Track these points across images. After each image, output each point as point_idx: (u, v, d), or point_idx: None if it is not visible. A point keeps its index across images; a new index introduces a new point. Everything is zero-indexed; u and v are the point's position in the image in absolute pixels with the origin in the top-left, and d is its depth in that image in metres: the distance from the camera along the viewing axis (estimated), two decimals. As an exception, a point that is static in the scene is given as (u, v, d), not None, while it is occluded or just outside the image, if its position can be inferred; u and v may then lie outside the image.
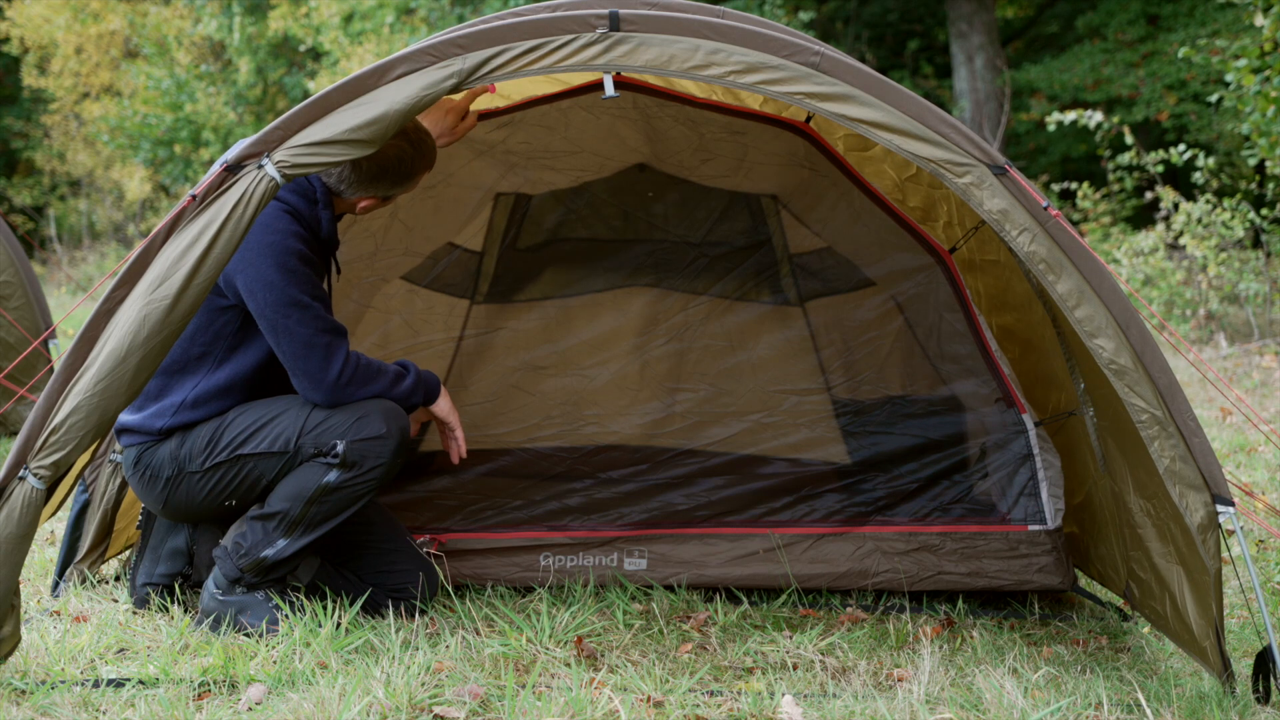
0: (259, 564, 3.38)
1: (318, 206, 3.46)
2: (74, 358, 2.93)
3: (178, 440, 3.44)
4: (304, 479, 3.37)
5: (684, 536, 3.80)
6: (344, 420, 3.37)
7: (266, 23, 16.26)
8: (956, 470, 3.78)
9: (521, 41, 3.05)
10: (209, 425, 3.44)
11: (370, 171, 3.43)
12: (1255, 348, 9.01)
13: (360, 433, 3.35)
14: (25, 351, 3.86)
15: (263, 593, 3.40)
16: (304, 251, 3.38)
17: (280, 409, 3.43)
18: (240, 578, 3.39)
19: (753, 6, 12.79)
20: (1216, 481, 2.85)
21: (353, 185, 3.46)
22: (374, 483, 3.39)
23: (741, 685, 3.00)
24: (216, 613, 3.40)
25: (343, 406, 3.39)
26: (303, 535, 3.39)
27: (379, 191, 3.49)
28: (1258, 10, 7.96)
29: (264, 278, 3.32)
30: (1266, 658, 2.85)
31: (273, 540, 3.38)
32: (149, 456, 3.45)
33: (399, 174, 3.46)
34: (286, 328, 3.33)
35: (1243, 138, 10.48)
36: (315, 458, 3.36)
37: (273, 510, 3.38)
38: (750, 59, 3.01)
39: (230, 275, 3.36)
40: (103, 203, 19.83)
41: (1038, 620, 3.64)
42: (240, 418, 3.43)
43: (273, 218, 3.37)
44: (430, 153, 3.50)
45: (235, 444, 3.40)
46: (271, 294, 3.32)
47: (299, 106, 3.05)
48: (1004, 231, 2.94)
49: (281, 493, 3.39)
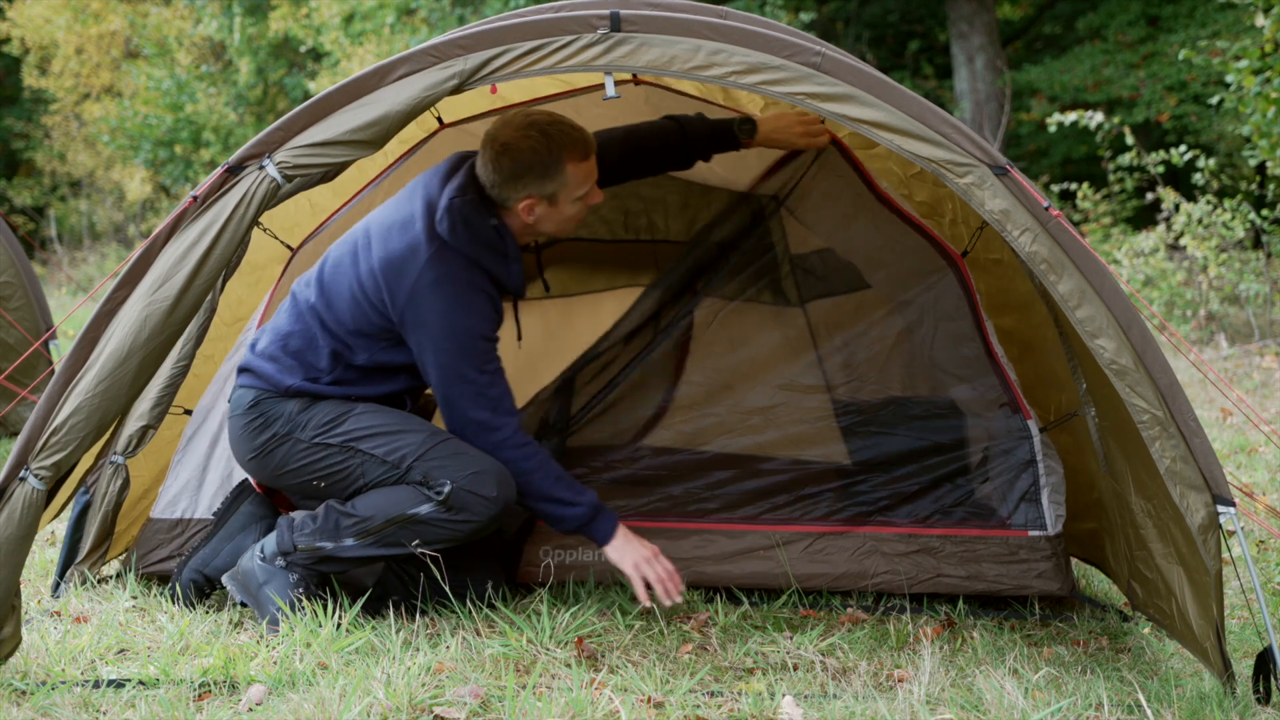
0: (314, 551, 3.38)
1: (507, 260, 3.44)
2: (75, 358, 2.93)
3: (302, 403, 3.43)
4: (398, 498, 3.37)
5: (683, 532, 3.79)
6: (463, 467, 3.36)
7: (267, 23, 16.25)
8: (958, 474, 3.78)
9: (523, 42, 3.05)
10: (337, 404, 3.44)
11: (509, 169, 3.38)
12: (1256, 348, 9.01)
13: (472, 485, 3.34)
14: (26, 353, 3.87)
15: (298, 577, 3.40)
16: (489, 334, 3.41)
17: (411, 426, 3.43)
18: (291, 553, 3.39)
19: (754, 7, 12.79)
20: (1217, 482, 2.85)
21: (500, 188, 3.40)
22: (460, 535, 3.38)
23: (742, 686, 3.00)
24: (245, 577, 3.41)
25: (470, 454, 3.38)
26: (369, 548, 3.38)
27: (530, 190, 3.40)
28: (1258, 11, 7.96)
29: (438, 345, 3.35)
30: (1267, 658, 2.86)
31: (341, 537, 3.38)
32: (269, 406, 3.45)
33: (541, 168, 3.38)
34: (448, 399, 3.39)
35: (1243, 139, 10.47)
36: (419, 485, 3.36)
37: (356, 510, 3.38)
38: (751, 59, 3.01)
39: (402, 325, 3.38)
40: (103, 203, 19.83)
41: (1038, 621, 3.64)
42: (369, 414, 3.43)
43: (465, 290, 3.36)
44: (572, 141, 3.40)
45: (354, 436, 3.40)
46: (443, 371, 3.37)
47: (300, 107, 3.05)
48: (1005, 232, 2.94)
49: (373, 500, 3.39)
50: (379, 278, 3.39)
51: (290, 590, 3.38)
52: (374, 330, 3.44)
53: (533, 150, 3.37)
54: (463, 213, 3.38)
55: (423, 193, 3.46)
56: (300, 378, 3.46)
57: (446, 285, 3.34)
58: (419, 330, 3.37)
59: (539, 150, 3.37)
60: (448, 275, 3.35)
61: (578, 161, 3.41)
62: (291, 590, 3.38)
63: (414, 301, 3.35)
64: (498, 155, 3.39)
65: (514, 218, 3.46)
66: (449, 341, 3.35)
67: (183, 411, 3.90)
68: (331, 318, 3.46)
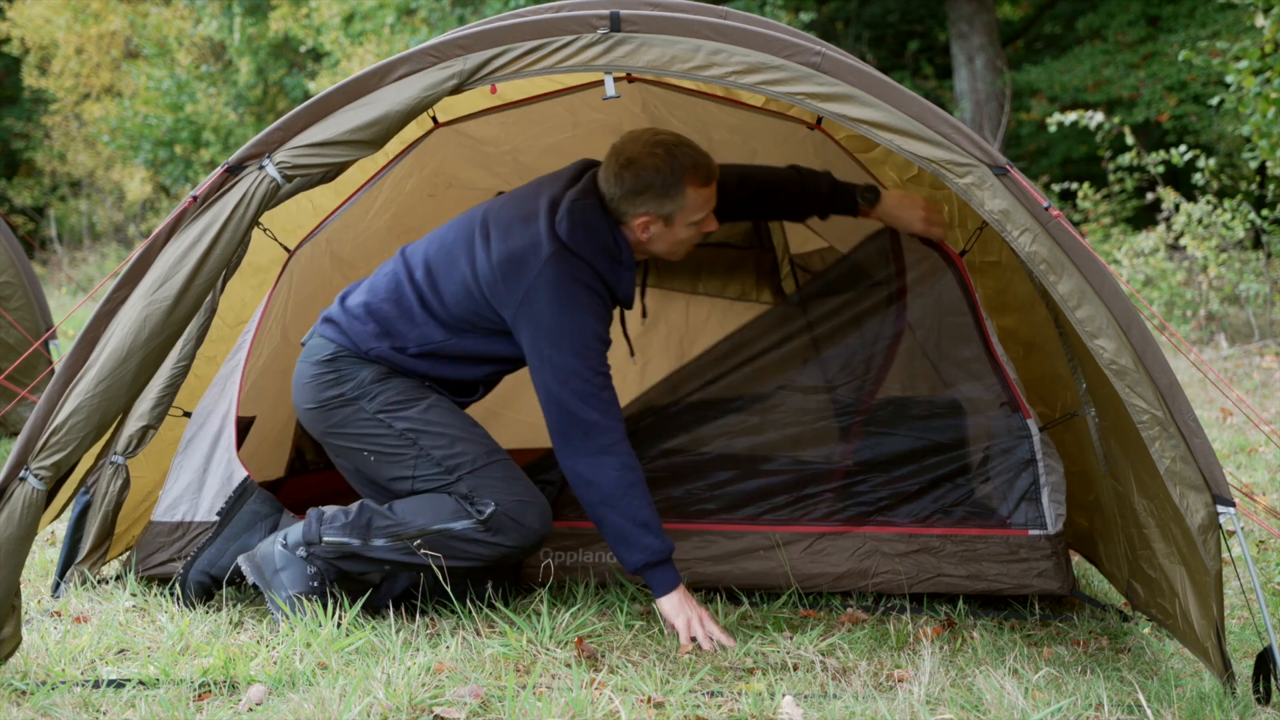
0: (340, 546, 3.38)
1: (621, 267, 3.43)
2: (75, 358, 2.93)
3: (379, 372, 3.44)
4: (439, 509, 3.37)
5: (683, 533, 3.79)
6: (512, 492, 3.36)
7: (267, 23, 16.26)
8: (958, 473, 3.78)
9: (523, 42, 3.05)
10: (413, 386, 3.44)
11: (631, 184, 3.39)
12: (1256, 348, 9.01)
13: (516, 511, 3.35)
14: (26, 353, 3.87)
15: (316, 570, 3.39)
16: (604, 334, 3.39)
17: (474, 436, 3.43)
18: (316, 544, 3.39)
19: (754, 7, 12.79)
20: (1217, 482, 2.85)
21: (620, 201, 3.41)
22: (485, 558, 3.39)
23: (742, 686, 3.00)
24: (262, 560, 3.41)
25: (521, 481, 3.38)
26: (397, 553, 3.37)
27: (648, 207, 3.41)
28: (1258, 11, 7.96)
29: (553, 344, 3.33)
30: (1267, 658, 2.85)
31: (371, 536, 3.37)
32: (346, 365, 3.45)
33: (662, 187, 3.38)
34: (560, 400, 3.34)
35: (1243, 139, 10.48)
36: (463, 498, 3.36)
37: (394, 513, 3.38)
38: (751, 59, 3.01)
39: (515, 322, 3.37)
40: (103, 203, 19.83)
41: (1038, 621, 3.64)
42: (439, 411, 3.43)
43: (582, 290, 3.35)
44: (695, 165, 3.41)
45: (416, 427, 3.40)
46: (556, 370, 3.33)
47: (300, 107, 3.05)
48: (1005, 232, 2.94)
49: (413, 505, 3.39)
50: (496, 272, 3.39)
51: (306, 581, 3.38)
52: (477, 320, 3.44)
53: (656, 169, 3.38)
54: (584, 216, 3.39)
55: (547, 192, 3.48)
56: (386, 345, 3.45)
57: (564, 285, 3.34)
58: (533, 328, 3.36)
59: (662, 169, 3.38)
60: (566, 275, 3.34)
61: (698, 186, 3.42)
62: (307, 582, 3.38)
63: (530, 299, 3.35)
64: (621, 169, 3.41)
65: (629, 232, 3.47)
66: (564, 340, 3.34)
67: (182, 414, 3.90)
68: (435, 299, 3.46)
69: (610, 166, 3.44)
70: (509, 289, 3.38)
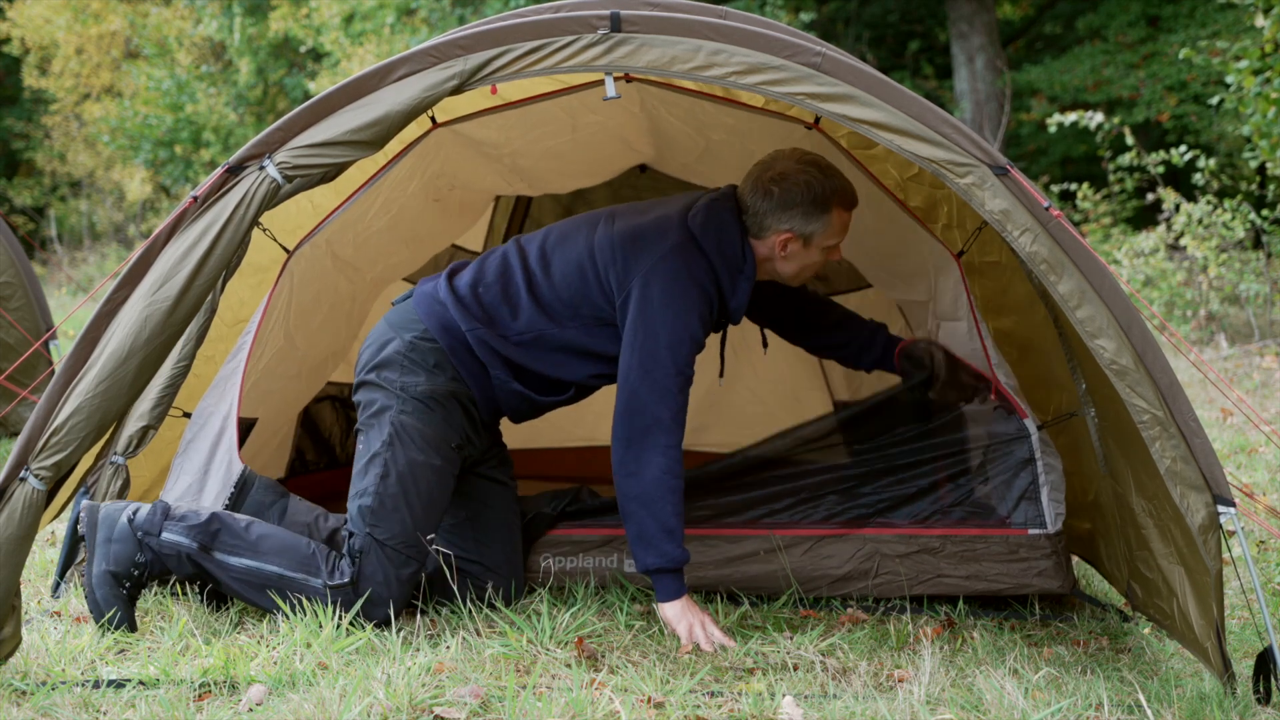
0: (174, 545, 3.35)
1: (740, 276, 3.41)
2: (75, 359, 2.93)
3: (441, 389, 3.40)
4: (294, 556, 3.35)
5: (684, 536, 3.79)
6: (393, 579, 3.33)
7: (267, 23, 16.27)
8: (958, 474, 3.78)
9: (523, 42, 3.05)
10: (441, 427, 3.40)
11: (780, 198, 3.38)
12: (1256, 348, 9.02)
13: (378, 595, 3.31)
14: (26, 353, 3.86)
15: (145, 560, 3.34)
16: (700, 337, 3.37)
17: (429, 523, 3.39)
18: (152, 535, 3.36)
19: (754, 7, 12.79)
20: (1217, 482, 2.85)
21: (763, 215, 3.40)
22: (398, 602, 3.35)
23: (742, 686, 3.00)
24: (103, 519, 3.40)
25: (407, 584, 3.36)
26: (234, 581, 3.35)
27: (792, 224, 3.40)
28: (1258, 11, 7.97)
29: (650, 329, 3.30)
30: (1267, 658, 2.85)
31: (215, 548, 3.34)
32: (413, 359, 3.41)
33: (810, 205, 3.38)
34: (636, 390, 3.30)
35: (1243, 139, 10.48)
36: (337, 555, 3.35)
37: (246, 534, 3.37)
38: (751, 60, 3.02)
39: (624, 301, 3.34)
40: (103, 203, 19.84)
41: (1038, 621, 3.64)
42: (431, 481, 3.38)
43: (694, 287, 3.33)
44: (844, 189, 3.42)
45: (402, 469, 3.35)
46: (645, 356, 3.29)
47: (300, 108, 3.05)
48: (1005, 232, 2.94)
49: (271, 540, 3.37)
50: (616, 248, 3.38)
51: (128, 566, 3.32)
52: (582, 304, 3.41)
53: (808, 186, 3.38)
54: (719, 217, 3.40)
55: (684, 197, 3.51)
56: (484, 328, 3.42)
57: (681, 276, 3.33)
58: (637, 309, 3.32)
59: (814, 187, 3.39)
60: (686, 267, 3.34)
61: (843, 210, 3.44)
62: (128, 567, 3.32)
63: (647, 282, 3.32)
64: (771, 183, 3.41)
65: (760, 246, 3.46)
66: (663, 331, 3.31)
67: (182, 414, 3.90)
68: (545, 283, 3.44)
69: (758, 180, 3.43)
70: (626, 265, 3.35)
